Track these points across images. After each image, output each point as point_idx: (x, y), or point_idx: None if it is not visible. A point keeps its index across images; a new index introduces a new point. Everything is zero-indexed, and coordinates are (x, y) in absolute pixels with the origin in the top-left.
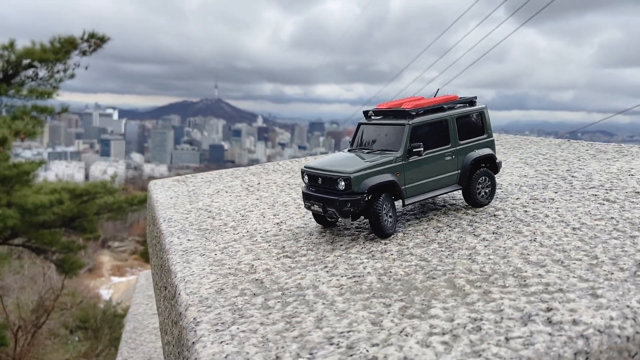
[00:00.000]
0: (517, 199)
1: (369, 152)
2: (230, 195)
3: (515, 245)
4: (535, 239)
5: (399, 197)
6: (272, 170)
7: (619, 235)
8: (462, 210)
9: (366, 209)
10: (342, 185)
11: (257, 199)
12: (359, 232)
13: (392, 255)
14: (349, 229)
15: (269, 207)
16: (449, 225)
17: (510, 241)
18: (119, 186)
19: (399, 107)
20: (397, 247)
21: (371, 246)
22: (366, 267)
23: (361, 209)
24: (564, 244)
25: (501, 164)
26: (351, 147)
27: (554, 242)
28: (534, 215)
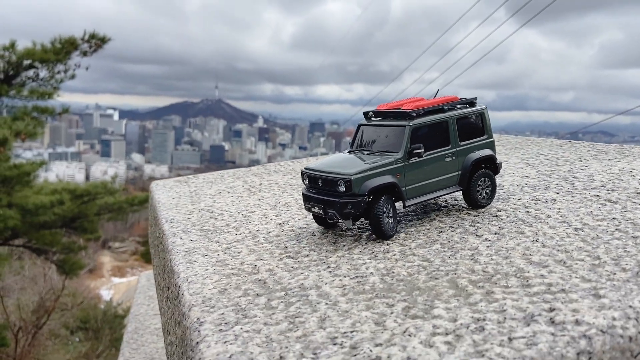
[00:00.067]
0: (519, 200)
1: (369, 154)
2: (232, 195)
3: (517, 245)
4: (537, 240)
5: (400, 199)
6: (273, 170)
7: (621, 235)
8: (464, 210)
9: (367, 210)
10: (342, 187)
11: (259, 200)
12: (361, 233)
13: (394, 255)
14: (350, 230)
15: (271, 208)
16: (451, 225)
17: (512, 242)
18: (119, 187)
19: (399, 108)
20: (399, 247)
21: (374, 247)
22: (369, 267)
23: (362, 210)
24: (566, 244)
25: (501, 164)
26: (351, 149)
27: (556, 243)
28: (536, 215)
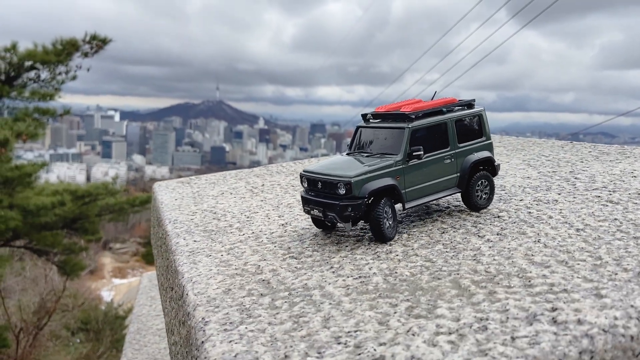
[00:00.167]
0: (521, 201)
1: (368, 156)
2: (234, 196)
3: (519, 246)
4: (539, 240)
5: (399, 201)
6: (275, 172)
7: (622, 236)
8: (465, 211)
9: (366, 213)
10: (342, 189)
11: (262, 201)
12: (363, 234)
13: (397, 256)
14: (353, 230)
15: (274, 209)
16: (453, 226)
17: (514, 242)
18: (120, 187)
19: (397, 110)
20: (402, 248)
21: (376, 247)
22: (372, 267)
23: (362, 213)
24: (568, 245)
25: (499, 166)
26: (350, 151)
27: (558, 243)
28: (538, 216)
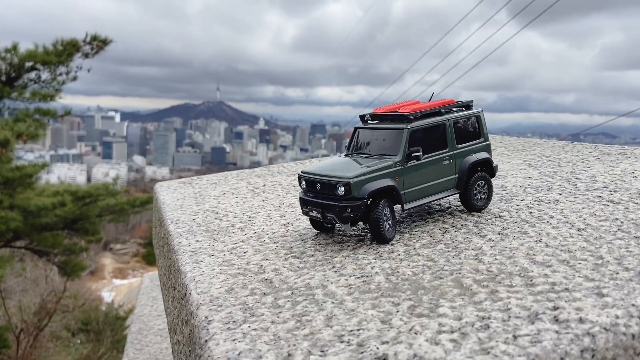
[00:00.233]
0: (522, 201)
1: (366, 157)
2: (236, 197)
3: (521, 245)
4: (540, 240)
5: (398, 202)
6: (277, 172)
7: (623, 235)
8: (467, 211)
9: (365, 214)
10: (341, 190)
11: (263, 201)
12: (365, 233)
13: (399, 255)
14: (355, 230)
15: (275, 209)
16: (454, 226)
17: (516, 242)
18: (121, 188)
19: (396, 111)
20: (404, 247)
21: (378, 247)
22: (374, 267)
23: (361, 214)
24: (569, 244)
25: (497, 167)
26: (348, 152)
27: (560, 243)
28: (539, 216)
